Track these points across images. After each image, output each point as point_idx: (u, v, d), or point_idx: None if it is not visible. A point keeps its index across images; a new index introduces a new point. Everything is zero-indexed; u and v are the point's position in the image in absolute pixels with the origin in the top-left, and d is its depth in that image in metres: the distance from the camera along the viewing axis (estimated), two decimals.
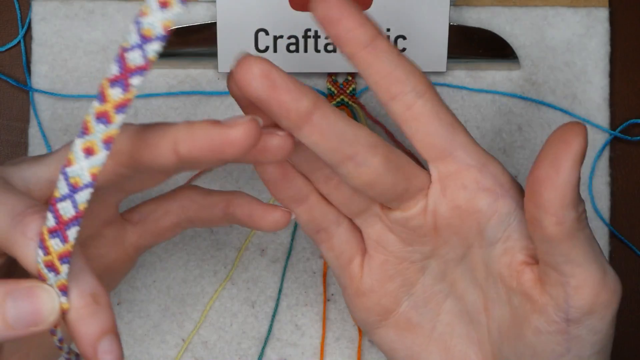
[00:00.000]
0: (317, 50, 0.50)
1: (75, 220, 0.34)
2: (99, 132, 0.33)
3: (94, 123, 0.33)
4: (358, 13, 0.37)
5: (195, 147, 0.35)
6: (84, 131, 0.33)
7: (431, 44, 0.50)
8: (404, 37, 0.50)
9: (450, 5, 0.50)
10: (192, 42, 0.50)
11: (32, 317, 0.33)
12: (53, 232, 0.34)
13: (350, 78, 0.52)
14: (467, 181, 0.39)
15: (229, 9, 0.49)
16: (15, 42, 0.52)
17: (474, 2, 0.52)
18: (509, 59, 0.52)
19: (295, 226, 0.52)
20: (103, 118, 0.33)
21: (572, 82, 0.52)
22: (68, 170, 0.34)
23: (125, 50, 0.32)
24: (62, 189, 0.34)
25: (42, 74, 0.51)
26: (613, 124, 0.53)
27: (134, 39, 0.32)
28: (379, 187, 0.40)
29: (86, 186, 0.34)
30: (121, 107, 0.33)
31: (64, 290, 0.34)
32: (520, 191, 0.40)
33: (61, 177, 0.34)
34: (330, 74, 0.52)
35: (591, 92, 0.52)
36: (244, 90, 0.36)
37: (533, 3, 0.52)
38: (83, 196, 0.34)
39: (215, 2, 0.50)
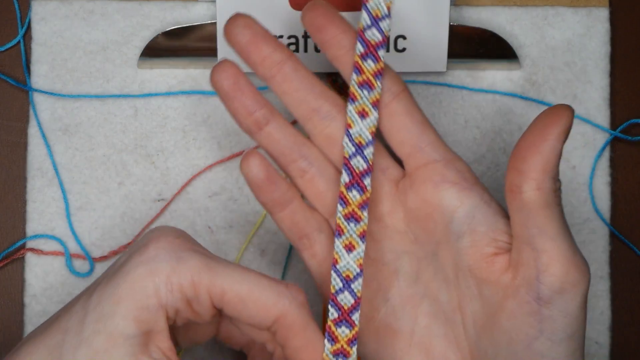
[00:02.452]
0: (317, 50, 0.50)
1: (357, 306, 0.41)
2: (352, 230, 0.41)
3: (345, 223, 0.41)
4: (341, 23, 0.43)
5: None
6: (339, 232, 0.41)
7: (431, 44, 0.50)
8: (403, 37, 0.50)
9: (450, 5, 0.50)
10: (192, 42, 0.50)
11: None
12: (338, 322, 0.41)
13: None
14: (433, 174, 0.43)
15: (229, 9, 0.49)
16: (15, 42, 0.52)
17: (474, 2, 0.52)
18: (509, 59, 0.52)
19: None
20: (352, 217, 0.41)
21: (572, 82, 0.52)
22: (338, 266, 0.41)
23: (363, 30, 0.41)
24: (337, 284, 0.41)
25: (41, 74, 0.51)
26: (613, 124, 0.53)
27: (367, 20, 0.40)
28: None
29: (358, 275, 0.41)
30: (364, 205, 0.41)
31: None
32: (484, 188, 0.43)
33: (334, 274, 0.41)
34: (330, 74, 0.51)
35: (591, 92, 0.52)
36: (232, 41, 0.43)
37: (533, 3, 0.52)
38: (358, 285, 0.41)
39: (215, 2, 0.50)
